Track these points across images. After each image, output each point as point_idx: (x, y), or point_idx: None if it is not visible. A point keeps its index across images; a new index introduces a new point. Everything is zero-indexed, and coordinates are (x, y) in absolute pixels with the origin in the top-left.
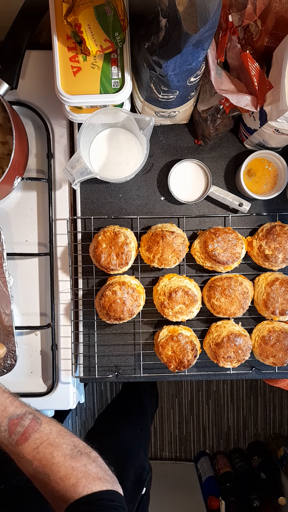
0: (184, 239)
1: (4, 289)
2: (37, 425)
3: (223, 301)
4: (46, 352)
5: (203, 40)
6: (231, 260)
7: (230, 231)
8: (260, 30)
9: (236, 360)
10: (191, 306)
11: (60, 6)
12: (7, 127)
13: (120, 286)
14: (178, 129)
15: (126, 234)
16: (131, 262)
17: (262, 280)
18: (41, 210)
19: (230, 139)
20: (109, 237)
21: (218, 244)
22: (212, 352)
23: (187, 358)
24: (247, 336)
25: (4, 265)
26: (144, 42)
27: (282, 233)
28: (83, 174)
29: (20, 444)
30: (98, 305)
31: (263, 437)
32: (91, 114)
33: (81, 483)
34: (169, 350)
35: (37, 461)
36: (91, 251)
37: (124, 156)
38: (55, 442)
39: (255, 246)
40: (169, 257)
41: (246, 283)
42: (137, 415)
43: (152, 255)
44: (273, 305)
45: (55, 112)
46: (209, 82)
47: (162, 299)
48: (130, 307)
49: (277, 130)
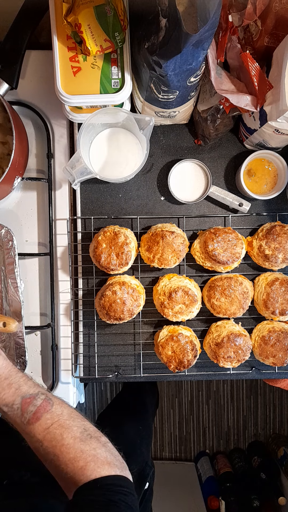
0: (184, 239)
1: (16, 295)
2: (49, 406)
3: (223, 301)
4: (46, 352)
5: (203, 40)
6: (231, 260)
7: (230, 231)
8: (260, 30)
9: (236, 360)
10: (191, 306)
11: (60, 6)
12: (7, 127)
13: (120, 286)
14: (178, 129)
15: (126, 234)
16: (131, 262)
17: (262, 280)
18: (41, 210)
19: (230, 139)
20: (109, 237)
21: (218, 244)
22: (212, 352)
23: (187, 358)
24: (247, 336)
25: (16, 271)
26: (144, 42)
27: (282, 233)
28: (83, 174)
29: (32, 423)
30: (98, 305)
31: (263, 437)
32: (91, 114)
33: (90, 466)
34: (169, 350)
35: (47, 441)
36: (91, 251)
37: (124, 156)
38: (66, 423)
39: (255, 246)
40: (169, 257)
41: (246, 283)
42: (138, 413)
43: (152, 255)
44: (273, 305)
45: (55, 112)
46: (209, 82)
47: (162, 299)
48: (130, 307)
49: (277, 130)
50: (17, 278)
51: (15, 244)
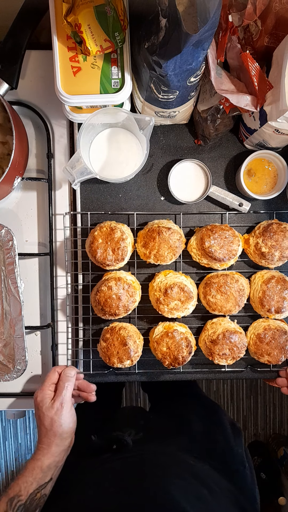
0: (180, 236)
1: (16, 295)
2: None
3: (219, 298)
4: (46, 352)
5: (203, 40)
6: (227, 257)
7: (227, 228)
8: (260, 30)
9: (231, 357)
10: (186, 303)
11: (60, 6)
12: (7, 127)
13: (115, 282)
14: (178, 129)
15: (123, 230)
16: (127, 258)
17: (258, 278)
18: (41, 210)
19: (230, 139)
20: (105, 232)
21: (214, 241)
22: (207, 349)
23: (182, 355)
24: (242, 333)
25: (16, 271)
26: (144, 42)
27: (279, 231)
28: (83, 174)
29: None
30: (94, 300)
31: (263, 437)
32: (91, 114)
33: None
34: (164, 346)
35: None
36: (87, 246)
37: (124, 156)
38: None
39: (252, 244)
40: (165, 253)
41: (242, 280)
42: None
43: (148, 251)
44: (269, 303)
45: (55, 112)
46: (209, 82)
47: (158, 295)
48: (126, 302)
49: (277, 130)
50: (17, 278)
51: (15, 244)
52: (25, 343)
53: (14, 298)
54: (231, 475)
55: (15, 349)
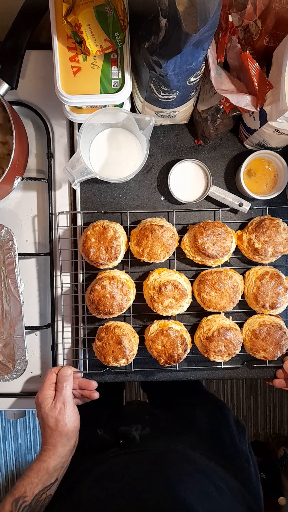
0: (173, 233)
1: (16, 295)
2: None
3: (213, 295)
4: (46, 352)
5: (203, 40)
6: (220, 254)
7: (220, 225)
8: (260, 30)
9: (227, 354)
10: (181, 300)
11: (60, 6)
12: (7, 127)
13: (109, 281)
14: (178, 129)
15: (115, 228)
16: (120, 257)
17: (252, 274)
18: (41, 210)
19: (230, 139)
20: (98, 232)
21: (207, 238)
22: (203, 346)
23: (177, 352)
24: (237, 329)
25: (16, 271)
26: (144, 42)
27: (271, 226)
28: (83, 174)
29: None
30: (88, 299)
31: (263, 437)
32: (91, 114)
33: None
34: (159, 344)
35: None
36: (79, 245)
37: (124, 156)
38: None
39: (245, 240)
40: (159, 251)
41: (236, 277)
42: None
43: (142, 249)
44: (263, 299)
45: (55, 112)
46: (209, 82)
47: (152, 293)
48: (120, 301)
49: (277, 130)
50: (17, 278)
51: (15, 244)
52: (25, 343)
53: (14, 298)
54: (236, 472)
55: (15, 349)
